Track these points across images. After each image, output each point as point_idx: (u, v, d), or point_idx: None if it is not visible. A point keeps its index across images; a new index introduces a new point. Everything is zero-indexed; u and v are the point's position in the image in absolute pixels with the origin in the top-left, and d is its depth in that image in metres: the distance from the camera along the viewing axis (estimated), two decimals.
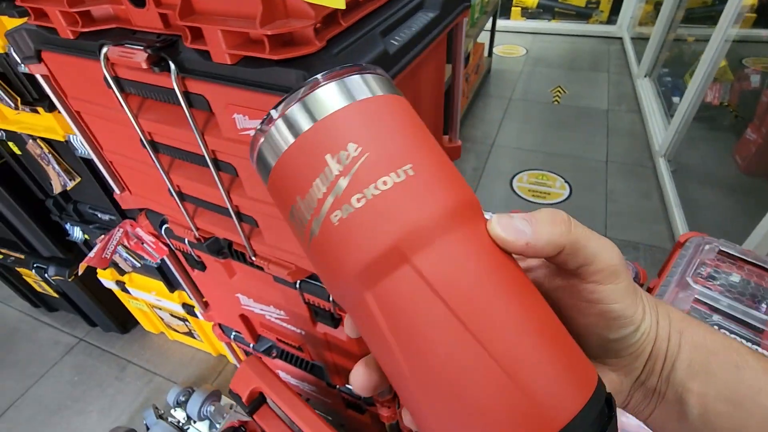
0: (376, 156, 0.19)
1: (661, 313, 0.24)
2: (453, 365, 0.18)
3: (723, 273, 0.62)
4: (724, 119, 2.68)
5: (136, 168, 0.81)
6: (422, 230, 0.19)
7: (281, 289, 0.87)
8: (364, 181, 0.19)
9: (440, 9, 0.64)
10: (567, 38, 4.26)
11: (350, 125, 0.20)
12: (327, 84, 0.21)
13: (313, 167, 0.20)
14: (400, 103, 0.23)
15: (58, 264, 1.47)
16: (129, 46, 0.55)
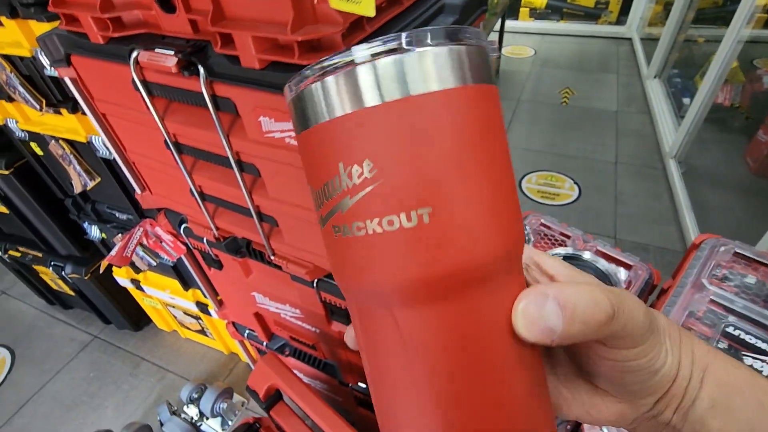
0: (390, 186, 0.16)
1: (684, 350, 0.23)
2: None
3: (738, 274, 0.63)
4: (735, 121, 2.67)
5: (158, 168, 0.83)
6: (413, 292, 0.16)
7: (298, 288, 0.89)
8: (369, 211, 0.16)
9: (460, 13, 0.65)
10: (575, 39, 4.25)
11: (375, 133, 0.16)
12: (386, 58, 0.16)
13: (328, 167, 0.17)
14: (474, 104, 0.17)
15: (75, 262, 1.50)
16: (159, 50, 0.57)
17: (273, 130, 0.57)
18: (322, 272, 0.80)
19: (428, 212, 0.15)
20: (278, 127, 0.56)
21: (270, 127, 0.57)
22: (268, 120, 0.57)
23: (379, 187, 0.16)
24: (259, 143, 0.60)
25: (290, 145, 0.57)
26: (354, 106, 0.16)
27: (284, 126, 0.56)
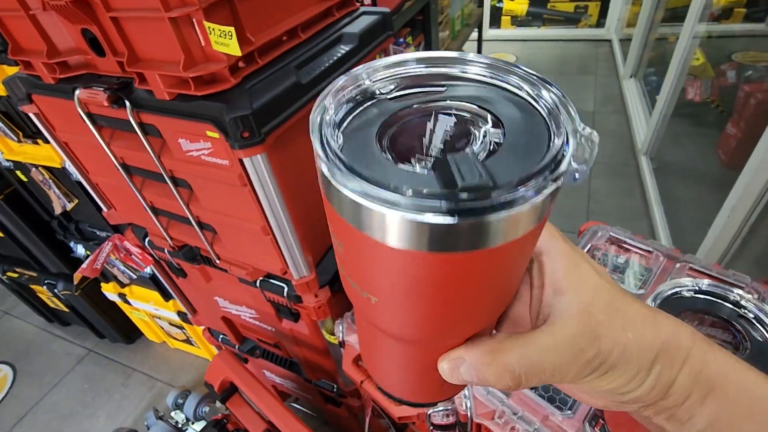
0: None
1: (685, 372, 0.23)
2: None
3: (613, 255, 0.70)
4: (708, 115, 2.72)
5: (117, 188, 0.94)
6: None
7: (247, 290, 0.98)
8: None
9: (357, 41, 0.75)
10: (557, 43, 4.34)
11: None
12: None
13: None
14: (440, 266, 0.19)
15: (66, 279, 1.62)
16: (95, 87, 0.68)
17: (191, 149, 0.67)
18: (261, 273, 0.90)
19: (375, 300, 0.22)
20: (194, 146, 0.66)
21: (188, 147, 0.67)
22: (185, 141, 0.67)
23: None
24: (183, 161, 0.71)
25: (206, 161, 0.67)
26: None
27: (198, 145, 0.66)
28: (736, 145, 2.30)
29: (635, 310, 0.24)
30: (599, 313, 0.23)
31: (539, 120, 0.22)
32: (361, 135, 0.22)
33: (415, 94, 0.24)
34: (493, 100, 0.23)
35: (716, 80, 2.66)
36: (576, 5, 4.36)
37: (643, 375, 0.23)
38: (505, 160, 0.20)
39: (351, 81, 0.23)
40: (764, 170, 1.33)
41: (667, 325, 0.24)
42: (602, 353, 0.23)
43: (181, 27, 0.54)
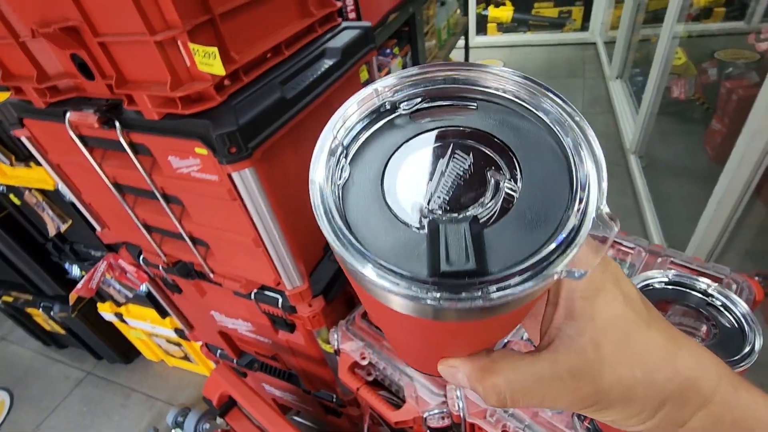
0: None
1: (703, 416, 0.22)
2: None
3: None
4: (694, 112, 2.76)
5: (110, 207, 0.95)
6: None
7: (243, 303, 0.99)
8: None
9: (340, 56, 0.77)
10: (543, 48, 4.41)
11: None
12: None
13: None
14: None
15: (62, 302, 1.62)
16: (85, 110, 0.70)
17: (180, 166, 0.69)
18: (255, 285, 0.91)
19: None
20: (183, 163, 0.68)
21: (178, 164, 0.69)
22: (175, 158, 0.68)
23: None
24: (174, 178, 0.72)
25: (195, 177, 0.69)
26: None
27: (187, 162, 0.67)
28: (722, 140, 2.34)
29: (656, 344, 0.22)
30: (608, 346, 0.21)
31: (562, 173, 0.21)
32: (368, 169, 0.21)
33: (440, 109, 0.23)
34: (521, 135, 0.22)
35: (699, 78, 2.71)
36: (560, 10, 4.44)
37: (647, 414, 0.22)
38: (508, 233, 0.19)
39: (370, 95, 0.22)
40: (746, 164, 1.36)
41: (689, 364, 0.22)
42: (601, 392, 0.21)
43: (167, 49, 0.56)
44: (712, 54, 2.73)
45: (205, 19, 0.58)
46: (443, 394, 0.69)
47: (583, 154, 0.21)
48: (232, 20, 0.62)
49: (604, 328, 0.22)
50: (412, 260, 0.19)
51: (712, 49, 2.74)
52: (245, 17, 0.65)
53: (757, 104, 1.28)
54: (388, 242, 0.20)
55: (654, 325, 0.23)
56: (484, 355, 0.24)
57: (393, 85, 0.23)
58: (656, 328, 0.23)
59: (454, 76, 0.23)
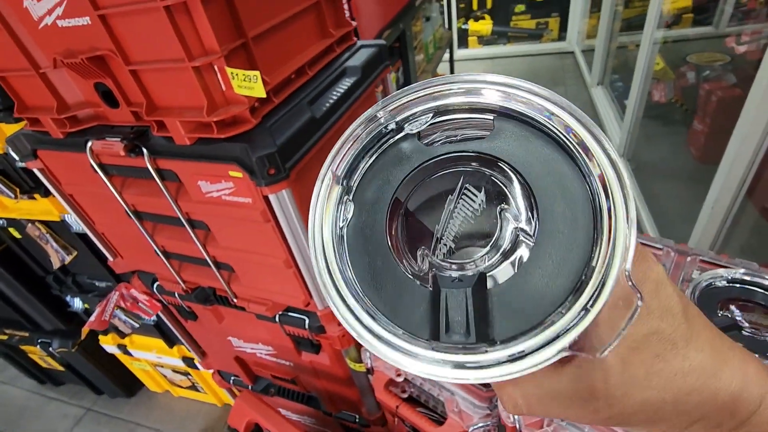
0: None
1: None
2: None
3: None
4: (675, 114, 2.87)
5: (125, 235, 0.93)
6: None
7: (265, 326, 0.97)
8: None
9: (360, 74, 0.78)
10: (524, 58, 4.54)
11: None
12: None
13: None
14: None
15: (62, 336, 1.56)
16: (109, 138, 0.68)
17: (210, 190, 0.68)
18: (281, 307, 0.89)
19: None
20: (214, 187, 0.67)
21: (208, 189, 0.68)
22: (205, 183, 0.67)
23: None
24: (202, 203, 0.71)
25: (226, 200, 0.68)
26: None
27: (219, 186, 0.67)
28: (705, 140, 2.43)
29: (694, 365, 0.20)
30: (638, 366, 0.20)
31: (584, 217, 0.18)
32: (373, 210, 0.19)
33: (452, 123, 0.20)
34: (540, 163, 0.19)
35: (677, 82, 2.82)
36: (537, 22, 4.59)
37: (677, 430, 0.21)
38: (516, 292, 0.17)
39: (370, 120, 0.20)
40: (738, 166, 1.41)
41: (730, 384, 0.20)
42: (623, 414, 0.20)
43: (204, 74, 0.56)
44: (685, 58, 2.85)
45: (239, 43, 0.58)
46: (487, 407, 0.69)
47: (614, 199, 0.17)
48: (262, 43, 0.62)
49: (634, 348, 0.20)
50: (414, 318, 0.18)
51: (685, 53, 2.86)
52: (273, 40, 0.65)
53: (746, 107, 1.33)
54: (392, 295, 0.18)
55: (694, 342, 0.21)
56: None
57: (397, 105, 0.21)
58: (696, 347, 0.21)
59: (467, 89, 0.20)
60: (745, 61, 2.32)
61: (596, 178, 0.18)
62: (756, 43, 2.28)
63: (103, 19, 0.56)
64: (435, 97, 0.21)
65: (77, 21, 0.58)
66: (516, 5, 4.52)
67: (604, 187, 0.18)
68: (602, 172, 0.18)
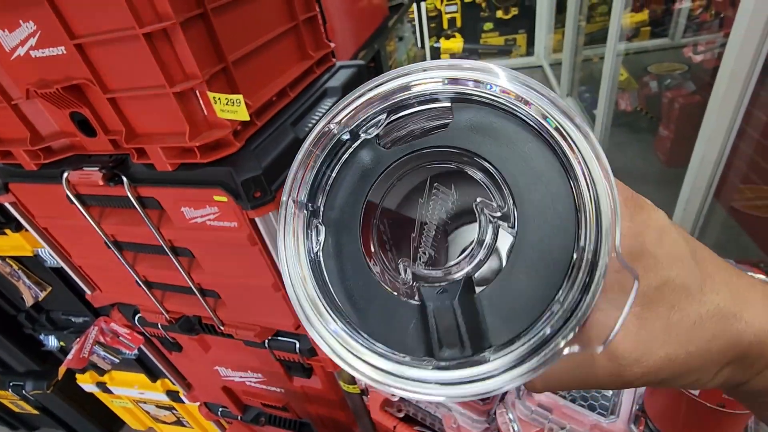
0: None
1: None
2: None
3: None
4: (641, 122, 3.00)
5: (104, 267, 0.90)
6: None
7: (254, 352, 0.94)
8: None
9: (341, 94, 0.79)
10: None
11: None
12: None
13: None
14: None
15: (35, 378, 1.48)
16: (86, 168, 0.67)
17: (195, 216, 0.67)
18: (270, 332, 0.87)
19: None
20: (198, 213, 0.66)
21: (192, 215, 0.67)
22: (189, 209, 0.66)
23: None
24: (186, 229, 0.69)
25: (211, 226, 0.67)
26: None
27: (203, 211, 0.65)
28: (671, 145, 2.54)
29: (713, 310, 0.19)
30: (655, 321, 0.19)
31: (564, 193, 0.17)
32: (344, 228, 0.18)
33: (409, 119, 0.19)
34: (506, 144, 0.18)
35: (641, 91, 2.96)
36: (505, 39, 4.76)
37: (704, 380, 0.21)
38: (507, 291, 0.17)
39: (324, 135, 0.19)
40: (705, 168, 1.48)
41: (755, 323, 0.20)
42: (648, 374, 0.19)
43: (185, 100, 0.56)
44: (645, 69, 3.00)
45: (219, 68, 0.58)
46: (485, 420, 0.68)
47: (593, 175, 0.16)
48: (243, 67, 0.63)
49: (647, 303, 0.19)
50: (406, 338, 0.17)
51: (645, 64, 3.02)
52: (253, 63, 0.65)
53: (707, 113, 1.41)
54: (380, 317, 0.17)
55: (710, 284, 0.20)
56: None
57: (347, 114, 0.20)
58: (712, 289, 0.20)
59: (414, 83, 0.19)
60: (703, 69, 2.45)
61: (569, 152, 0.17)
62: (711, 52, 2.42)
63: (80, 48, 0.55)
64: (384, 97, 0.19)
65: (52, 51, 0.57)
66: (484, 23, 4.68)
67: (579, 162, 0.17)
68: (574, 145, 0.17)
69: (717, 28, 2.49)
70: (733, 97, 1.30)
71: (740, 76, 1.25)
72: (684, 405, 0.44)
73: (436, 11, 4.64)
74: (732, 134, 1.38)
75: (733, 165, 1.56)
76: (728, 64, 1.26)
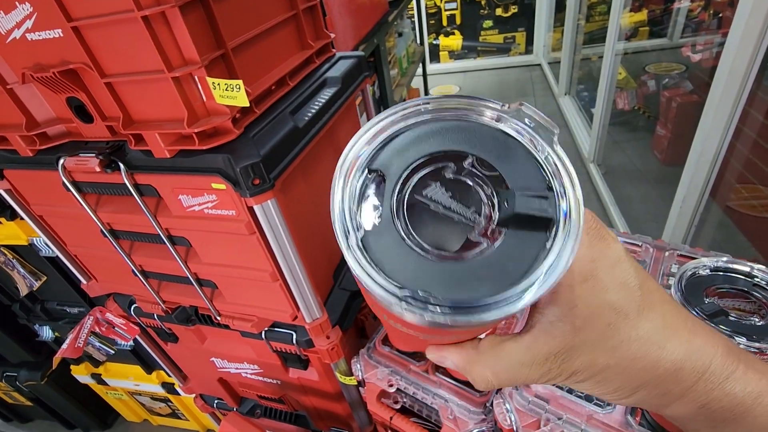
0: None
1: (686, 402, 0.23)
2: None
3: None
4: (639, 121, 3.00)
5: (100, 256, 0.89)
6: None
7: (250, 343, 0.94)
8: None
9: (340, 84, 0.79)
10: (493, 71, 4.67)
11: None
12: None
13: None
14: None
15: (29, 368, 1.47)
16: (83, 155, 0.66)
17: (192, 204, 0.66)
18: (267, 323, 0.87)
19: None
20: (196, 201, 0.65)
21: (189, 203, 0.66)
22: (186, 197, 0.66)
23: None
24: (183, 217, 0.69)
25: (209, 214, 0.66)
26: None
27: (201, 199, 0.65)
28: (668, 144, 2.55)
29: (641, 335, 0.22)
30: (589, 333, 0.22)
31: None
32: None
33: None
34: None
35: (639, 90, 2.96)
36: (504, 36, 4.75)
37: (622, 394, 0.24)
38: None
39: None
40: (702, 167, 1.48)
41: (674, 354, 0.22)
42: (572, 372, 0.23)
43: (184, 85, 0.55)
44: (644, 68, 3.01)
45: (218, 54, 0.57)
46: (482, 412, 0.68)
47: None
48: (242, 54, 0.62)
49: (587, 316, 0.22)
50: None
51: (644, 63, 3.02)
52: (253, 51, 0.65)
53: (705, 112, 1.41)
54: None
55: (647, 314, 0.22)
56: (470, 346, 0.26)
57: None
58: (648, 318, 0.22)
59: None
60: (701, 69, 2.46)
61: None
62: (709, 51, 2.43)
63: (77, 31, 0.54)
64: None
65: (48, 34, 0.57)
66: (484, 21, 4.67)
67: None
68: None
69: (715, 28, 2.49)
70: (731, 97, 1.30)
71: (738, 76, 1.25)
72: None
73: (436, 8, 4.62)
74: (729, 134, 1.39)
75: (730, 164, 1.56)
76: (726, 63, 1.26)
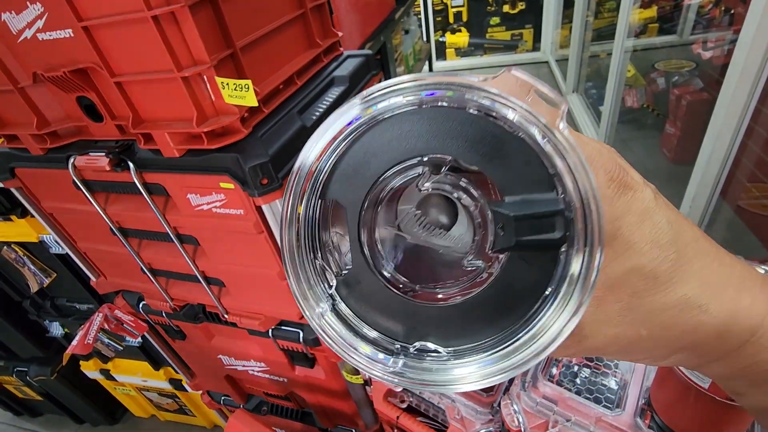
0: None
1: (725, 364, 0.21)
2: None
3: None
4: (648, 119, 2.97)
5: (109, 254, 0.90)
6: None
7: (257, 341, 0.94)
8: None
9: (348, 83, 0.78)
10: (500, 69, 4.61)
11: None
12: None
13: None
14: None
15: (39, 364, 1.49)
16: (93, 153, 0.67)
17: (201, 203, 0.67)
18: (274, 321, 0.87)
19: None
20: (204, 200, 0.66)
21: (198, 202, 0.67)
22: (195, 196, 0.66)
23: None
24: (192, 216, 0.69)
25: (217, 213, 0.67)
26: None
27: (209, 198, 0.65)
28: (677, 142, 2.52)
29: (676, 300, 0.19)
30: (612, 304, 0.19)
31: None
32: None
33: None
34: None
35: (648, 88, 2.93)
36: (512, 33, 4.71)
37: (657, 358, 0.22)
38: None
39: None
40: (713, 166, 1.46)
41: (718, 314, 0.19)
42: (593, 348, 0.21)
43: (193, 85, 0.55)
44: (653, 65, 2.97)
45: (227, 53, 0.57)
46: (489, 412, 0.68)
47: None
48: (251, 53, 0.62)
49: (609, 286, 0.19)
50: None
51: (653, 60, 2.99)
52: (261, 50, 0.65)
53: (716, 110, 1.39)
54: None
55: (681, 274, 0.19)
56: None
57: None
58: (682, 279, 0.19)
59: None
60: (711, 66, 2.43)
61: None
62: (721, 48, 2.39)
63: (87, 30, 0.55)
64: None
65: (59, 33, 0.57)
66: (491, 18, 4.64)
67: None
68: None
69: (727, 25, 2.45)
70: (743, 95, 1.28)
71: (750, 74, 1.23)
72: (692, 398, 0.44)
73: (443, 5, 4.60)
74: (740, 132, 1.37)
75: (741, 163, 1.54)
76: (738, 61, 1.24)
